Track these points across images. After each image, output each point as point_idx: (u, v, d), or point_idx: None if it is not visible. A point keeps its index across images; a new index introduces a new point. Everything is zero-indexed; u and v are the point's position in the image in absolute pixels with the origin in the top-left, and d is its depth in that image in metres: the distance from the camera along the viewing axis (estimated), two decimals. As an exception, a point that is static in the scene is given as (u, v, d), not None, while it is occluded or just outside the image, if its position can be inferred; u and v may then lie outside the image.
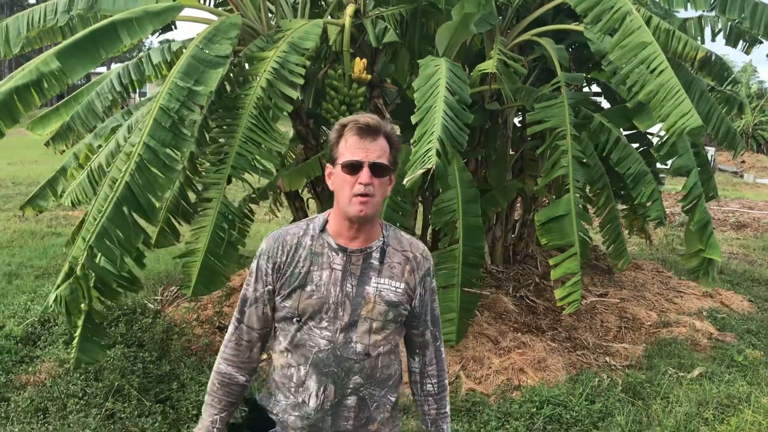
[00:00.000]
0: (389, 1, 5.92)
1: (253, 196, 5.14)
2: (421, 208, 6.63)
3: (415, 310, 2.11)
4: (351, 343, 2.00)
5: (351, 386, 2.01)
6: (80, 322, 4.16)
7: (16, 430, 4.00)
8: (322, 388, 2.00)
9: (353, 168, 1.94)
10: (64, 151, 6.31)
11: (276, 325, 2.09)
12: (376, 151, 1.96)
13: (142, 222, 4.18)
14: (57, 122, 6.23)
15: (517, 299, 6.37)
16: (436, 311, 2.20)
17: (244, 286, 2.11)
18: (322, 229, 2.05)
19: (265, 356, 2.25)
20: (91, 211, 4.42)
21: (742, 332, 6.34)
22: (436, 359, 2.21)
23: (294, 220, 6.03)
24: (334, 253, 2.02)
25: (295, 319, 2.01)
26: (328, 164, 2.05)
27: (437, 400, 2.23)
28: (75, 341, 4.26)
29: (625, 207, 7.25)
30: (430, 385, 2.21)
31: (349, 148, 1.95)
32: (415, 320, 2.13)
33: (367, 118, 1.98)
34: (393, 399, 2.13)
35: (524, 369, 5.05)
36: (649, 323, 6.34)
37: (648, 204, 5.76)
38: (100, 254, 4.04)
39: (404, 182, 3.76)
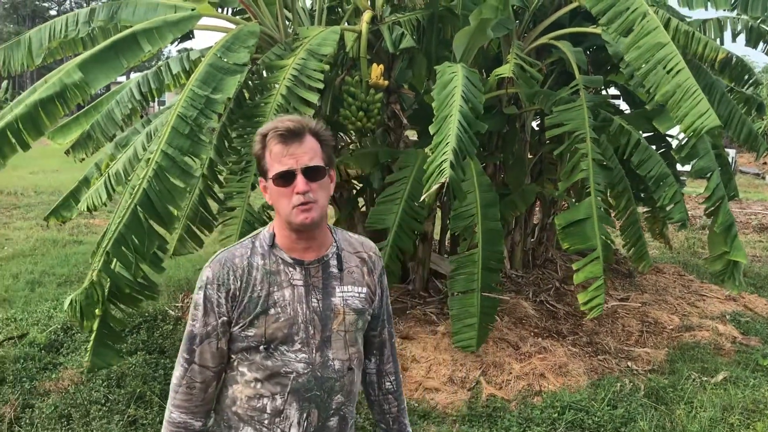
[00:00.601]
0: (406, 7, 5.93)
1: (272, 202, 5.15)
2: (439, 213, 6.62)
3: (374, 311, 2.02)
4: (329, 361, 1.87)
5: (334, 407, 1.89)
6: (95, 327, 4.20)
7: (41, 436, 4.04)
8: (305, 415, 1.85)
9: (285, 178, 1.78)
10: (83, 159, 6.38)
11: (234, 356, 1.89)
12: (307, 153, 1.79)
13: (160, 230, 4.21)
14: (77, 131, 6.30)
15: (537, 304, 6.33)
16: (390, 308, 2.12)
17: (189, 322, 1.89)
18: (272, 245, 1.88)
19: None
20: (113, 220, 4.47)
21: (767, 336, 6.24)
22: (392, 356, 2.13)
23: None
24: (291, 269, 1.86)
25: (261, 347, 1.83)
26: (260, 178, 1.87)
27: (396, 397, 2.15)
28: (90, 345, 4.30)
29: (645, 210, 7.18)
30: (389, 383, 2.13)
31: (275, 157, 1.78)
32: (374, 321, 2.04)
33: (287, 122, 1.80)
34: (354, 413, 2.03)
35: (545, 374, 5.01)
36: (671, 327, 6.27)
37: (670, 206, 5.69)
38: (115, 260, 4.07)
39: (421, 199, 3.78)
